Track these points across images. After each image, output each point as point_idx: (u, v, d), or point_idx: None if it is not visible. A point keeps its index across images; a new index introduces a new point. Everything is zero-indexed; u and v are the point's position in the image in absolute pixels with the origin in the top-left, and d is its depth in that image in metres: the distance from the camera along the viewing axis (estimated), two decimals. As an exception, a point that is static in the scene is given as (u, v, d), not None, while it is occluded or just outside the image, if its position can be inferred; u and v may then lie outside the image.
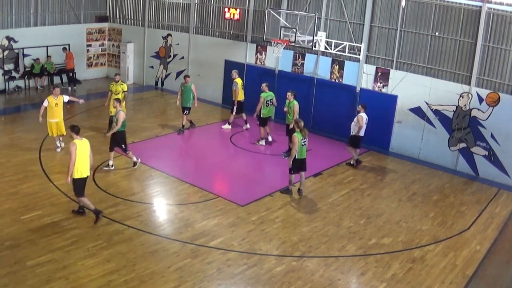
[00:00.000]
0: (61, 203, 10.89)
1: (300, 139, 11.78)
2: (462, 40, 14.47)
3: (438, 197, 13.01)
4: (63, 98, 13.69)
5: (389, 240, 10.46)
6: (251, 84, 19.19)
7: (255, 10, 18.90)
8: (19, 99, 19.41)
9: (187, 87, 15.89)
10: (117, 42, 23.54)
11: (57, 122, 13.58)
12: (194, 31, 21.03)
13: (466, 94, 14.51)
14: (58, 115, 13.56)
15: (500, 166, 14.17)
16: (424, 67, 15.30)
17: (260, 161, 14.77)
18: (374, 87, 16.26)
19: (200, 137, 16.27)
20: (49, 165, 12.94)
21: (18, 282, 8.01)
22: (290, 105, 14.43)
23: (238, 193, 12.34)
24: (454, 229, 11.20)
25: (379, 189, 13.22)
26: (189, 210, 11.14)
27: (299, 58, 17.80)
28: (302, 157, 12.01)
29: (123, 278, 8.40)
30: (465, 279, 9.23)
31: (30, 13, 20.69)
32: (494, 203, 12.87)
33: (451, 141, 15.04)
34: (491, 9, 13.80)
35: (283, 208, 11.59)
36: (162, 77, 22.60)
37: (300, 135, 11.82)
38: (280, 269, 9.09)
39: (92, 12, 23.24)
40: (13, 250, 8.89)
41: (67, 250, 9.05)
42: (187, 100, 15.89)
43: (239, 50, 19.47)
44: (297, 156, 11.89)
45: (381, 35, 16.03)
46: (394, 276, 9.15)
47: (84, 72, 23.13)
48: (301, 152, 11.91)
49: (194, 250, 9.50)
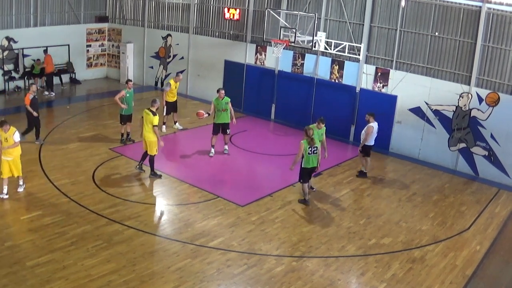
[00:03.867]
0: (61, 203, 10.89)
1: (307, 147, 11.33)
2: (462, 40, 14.48)
3: (438, 197, 13.01)
4: (14, 134, 10.75)
5: (389, 240, 10.46)
6: (251, 84, 19.24)
7: (254, 10, 18.90)
8: (19, 99, 19.36)
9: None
10: (117, 42, 23.55)
11: (9, 162, 10.84)
12: (194, 31, 21.04)
13: (466, 94, 14.51)
14: (11, 152, 10.81)
15: (500, 166, 14.17)
16: (424, 67, 15.30)
17: (260, 161, 14.76)
18: (374, 87, 16.26)
19: (200, 137, 16.26)
20: (49, 165, 12.93)
21: (18, 283, 8.01)
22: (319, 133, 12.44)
23: (238, 193, 12.33)
24: (454, 229, 11.20)
25: (379, 189, 13.22)
26: (189, 210, 11.14)
27: (299, 58, 17.81)
28: (311, 165, 11.56)
29: (123, 278, 8.39)
30: (465, 279, 9.23)
31: (30, 13, 20.69)
32: (494, 203, 12.88)
33: (451, 141, 15.04)
34: (490, 9, 13.80)
35: (283, 208, 11.59)
36: (162, 77, 22.59)
37: (307, 143, 11.34)
38: (280, 269, 9.09)
39: (92, 13, 23.23)
40: (13, 250, 8.89)
41: (67, 250, 9.05)
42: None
43: (239, 50, 19.48)
44: (304, 165, 11.53)
45: (381, 35, 16.03)
46: (394, 276, 9.15)
47: (84, 72, 23.14)
48: (308, 160, 11.46)
49: (194, 250, 9.50)
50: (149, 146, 12.43)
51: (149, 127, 12.28)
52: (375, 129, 13.48)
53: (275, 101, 18.71)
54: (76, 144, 14.67)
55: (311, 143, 11.38)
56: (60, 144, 14.54)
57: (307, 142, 11.35)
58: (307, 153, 11.39)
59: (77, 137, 15.28)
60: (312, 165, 11.56)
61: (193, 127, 17.28)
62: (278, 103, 18.68)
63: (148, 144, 12.42)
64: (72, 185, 11.81)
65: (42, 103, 18.00)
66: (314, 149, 11.46)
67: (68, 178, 12.18)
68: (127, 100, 14.64)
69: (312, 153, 11.45)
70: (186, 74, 21.52)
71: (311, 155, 11.45)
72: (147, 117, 12.27)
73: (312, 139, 11.41)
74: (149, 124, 12.27)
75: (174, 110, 16.52)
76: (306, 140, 11.38)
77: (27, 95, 14.27)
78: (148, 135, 12.35)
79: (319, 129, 12.35)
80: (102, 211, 10.63)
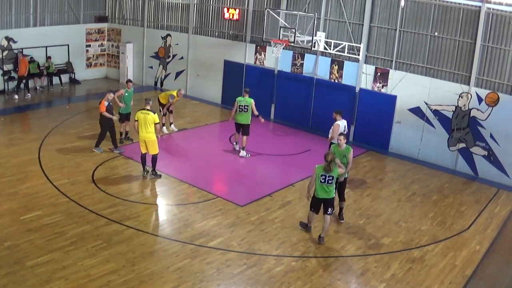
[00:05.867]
0: (61, 203, 10.88)
1: (319, 173, 9.62)
2: (461, 40, 14.48)
3: (437, 197, 13.01)
4: None
5: (389, 240, 10.46)
6: (251, 85, 19.21)
7: (254, 10, 18.90)
8: (19, 99, 19.40)
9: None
10: (117, 43, 23.55)
11: None
12: (194, 31, 21.03)
13: (465, 94, 14.52)
14: None
15: (499, 166, 14.18)
16: (423, 67, 15.30)
17: (260, 161, 14.76)
18: (374, 87, 16.27)
19: (199, 137, 16.26)
20: (48, 165, 12.93)
21: (17, 283, 8.00)
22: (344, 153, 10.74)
23: (238, 193, 12.34)
24: (453, 229, 11.21)
25: (378, 189, 13.22)
26: (188, 210, 11.14)
27: (299, 58, 17.81)
28: (322, 197, 9.75)
29: (123, 278, 8.39)
30: (465, 279, 9.23)
31: (29, 13, 20.68)
32: (494, 203, 12.88)
33: (450, 141, 15.04)
34: (490, 9, 13.81)
35: (283, 208, 11.59)
36: (161, 77, 22.60)
37: (322, 168, 9.62)
38: (279, 269, 9.09)
39: (91, 13, 23.22)
40: (12, 250, 8.89)
41: (67, 250, 9.04)
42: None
43: (238, 50, 19.48)
44: (315, 194, 9.87)
45: (380, 35, 16.04)
46: (394, 276, 9.15)
47: (84, 72, 23.14)
48: (320, 190, 9.72)
49: (194, 250, 9.50)
50: (152, 146, 12.36)
51: (150, 127, 12.19)
52: (341, 127, 12.52)
53: (275, 101, 18.72)
54: (76, 144, 14.67)
55: (327, 169, 9.55)
56: (59, 144, 14.54)
57: (322, 168, 9.62)
58: (319, 181, 9.71)
59: (77, 137, 15.28)
60: (322, 196, 9.74)
61: (193, 127, 17.28)
62: (277, 103, 18.69)
63: (151, 144, 12.35)
64: (72, 185, 11.80)
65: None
66: (328, 179, 9.60)
67: (68, 178, 12.18)
68: (125, 99, 14.66)
69: (325, 182, 9.65)
70: (186, 74, 21.56)
71: (323, 184, 9.69)
72: (147, 117, 12.17)
73: (329, 165, 9.51)
74: (149, 124, 12.19)
75: (170, 111, 16.48)
76: (322, 165, 9.70)
77: (102, 102, 13.66)
78: (149, 135, 12.26)
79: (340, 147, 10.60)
80: (101, 211, 10.62)
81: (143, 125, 12.17)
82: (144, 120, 12.14)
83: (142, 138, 12.31)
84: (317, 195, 9.81)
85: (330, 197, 9.79)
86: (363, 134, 16.66)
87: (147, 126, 12.15)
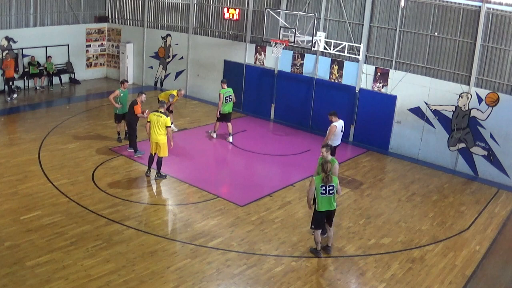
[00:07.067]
0: (61, 203, 10.88)
1: (319, 185, 9.10)
2: (461, 40, 14.48)
3: (437, 197, 13.02)
4: None
5: (389, 240, 10.46)
6: (251, 85, 19.23)
7: (254, 10, 18.90)
8: (19, 99, 19.40)
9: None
10: (117, 43, 23.55)
11: None
12: (194, 31, 21.04)
13: (465, 94, 14.52)
14: None
15: (499, 166, 14.18)
16: (423, 67, 15.31)
17: (260, 161, 14.76)
18: (374, 87, 16.27)
19: (199, 137, 16.26)
20: (48, 165, 12.93)
21: (17, 283, 8.00)
22: None
23: (238, 193, 12.34)
24: (453, 229, 11.21)
25: (378, 189, 13.22)
26: (188, 210, 11.14)
27: (299, 58, 17.81)
28: (325, 209, 9.27)
29: (123, 278, 8.39)
30: (465, 279, 9.23)
31: (29, 13, 20.69)
32: (494, 203, 12.88)
33: (450, 141, 15.04)
34: (490, 9, 13.81)
35: (283, 208, 11.59)
36: (161, 77, 22.60)
37: (320, 179, 9.13)
38: (279, 269, 9.09)
39: (91, 13, 23.23)
40: (12, 250, 8.89)
41: (67, 250, 9.04)
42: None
43: (238, 50, 19.48)
44: (317, 207, 9.30)
45: (380, 35, 16.04)
46: (394, 276, 9.15)
47: (84, 72, 23.15)
48: (322, 202, 9.21)
49: (194, 250, 9.50)
50: (162, 148, 12.33)
51: (162, 130, 12.17)
52: (338, 128, 12.54)
53: (275, 101, 18.72)
54: (76, 144, 14.67)
55: (326, 180, 9.08)
56: (59, 144, 14.53)
57: (321, 179, 9.11)
58: (320, 193, 9.16)
59: (77, 137, 15.27)
60: (325, 208, 9.29)
61: (193, 127, 17.29)
62: (277, 103, 18.68)
63: (162, 147, 12.32)
64: (72, 185, 11.81)
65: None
66: (329, 189, 9.13)
67: (68, 178, 12.18)
68: (121, 99, 14.67)
69: (326, 194, 9.14)
70: (186, 74, 21.56)
71: (325, 196, 9.19)
72: (159, 119, 12.14)
73: (328, 175, 9.06)
74: (161, 127, 12.16)
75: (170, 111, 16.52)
76: (319, 176, 9.23)
77: (138, 105, 13.64)
78: (161, 138, 12.22)
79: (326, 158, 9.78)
80: (101, 211, 10.62)
81: (155, 127, 12.20)
82: (156, 122, 12.17)
83: (153, 140, 12.33)
84: (319, 208, 9.27)
85: (333, 209, 9.40)
86: (363, 134, 16.66)
87: (159, 128, 12.17)
